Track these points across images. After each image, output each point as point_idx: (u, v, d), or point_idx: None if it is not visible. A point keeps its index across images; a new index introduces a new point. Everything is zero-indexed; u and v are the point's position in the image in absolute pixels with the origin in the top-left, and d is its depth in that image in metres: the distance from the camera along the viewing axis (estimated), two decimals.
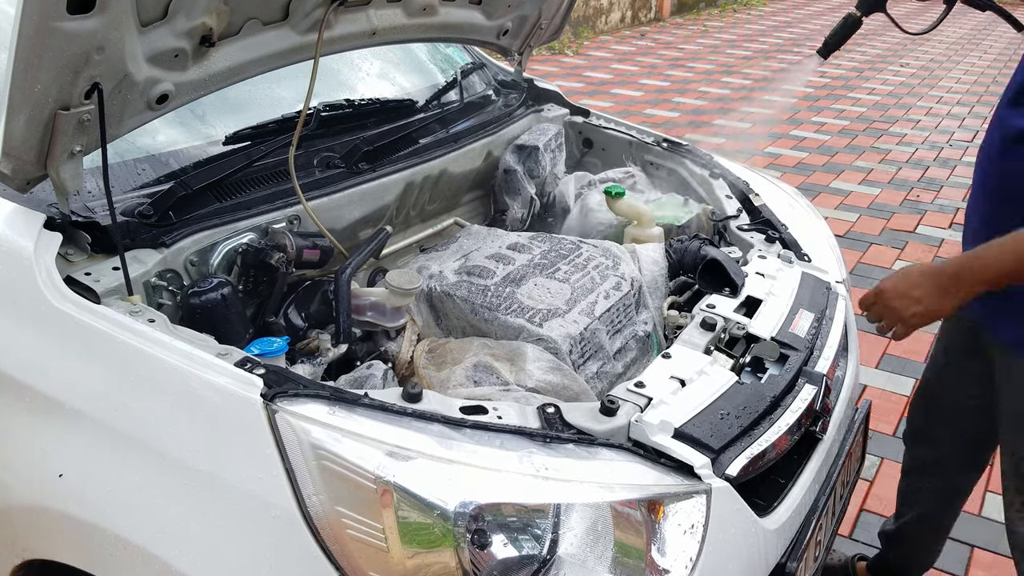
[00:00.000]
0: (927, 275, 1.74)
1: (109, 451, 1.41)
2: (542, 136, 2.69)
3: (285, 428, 1.33)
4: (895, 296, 1.77)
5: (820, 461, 1.81)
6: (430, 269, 2.08)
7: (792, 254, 2.22)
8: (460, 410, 1.45)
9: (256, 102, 2.19)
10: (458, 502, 1.29)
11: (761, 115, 8.09)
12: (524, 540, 1.31)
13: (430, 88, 2.71)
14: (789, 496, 1.69)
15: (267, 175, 2.00)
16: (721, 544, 1.46)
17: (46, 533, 1.51)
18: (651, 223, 2.41)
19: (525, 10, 2.60)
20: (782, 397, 1.71)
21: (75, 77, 1.43)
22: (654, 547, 1.39)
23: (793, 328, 1.91)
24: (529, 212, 2.65)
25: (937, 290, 1.72)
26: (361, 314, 1.89)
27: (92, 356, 1.46)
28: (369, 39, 2.15)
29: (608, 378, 1.92)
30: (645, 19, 13.37)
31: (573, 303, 1.94)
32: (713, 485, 1.46)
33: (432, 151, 2.39)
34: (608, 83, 9.24)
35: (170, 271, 1.73)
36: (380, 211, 2.23)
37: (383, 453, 1.31)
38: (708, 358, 1.75)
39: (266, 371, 1.40)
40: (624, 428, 1.50)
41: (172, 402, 1.40)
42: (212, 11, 1.65)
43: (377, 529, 1.28)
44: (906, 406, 3.29)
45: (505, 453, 1.37)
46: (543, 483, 1.36)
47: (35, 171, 1.51)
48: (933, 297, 1.72)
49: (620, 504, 1.38)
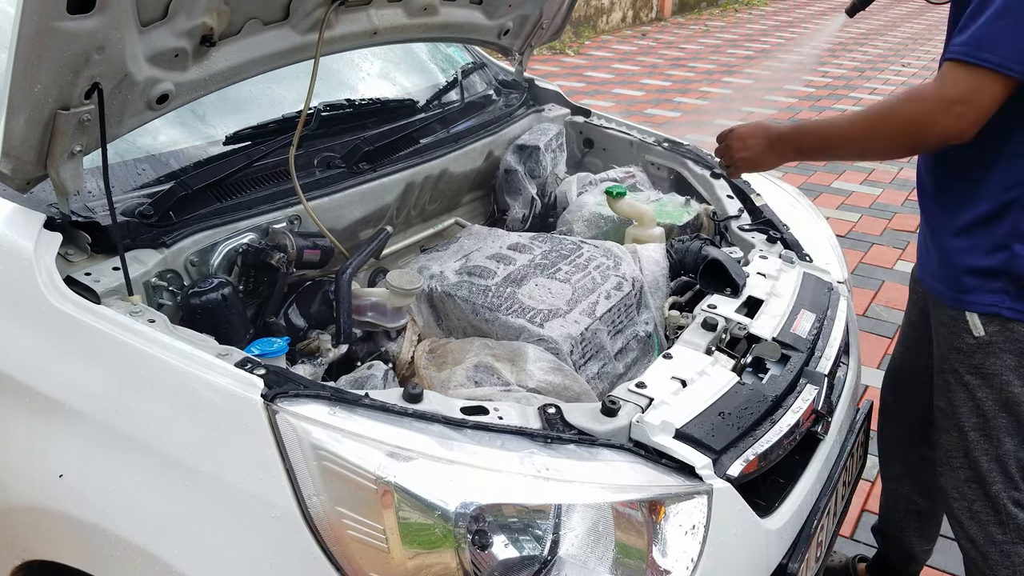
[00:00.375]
0: (765, 129, 1.99)
1: (109, 451, 1.41)
2: (543, 136, 2.68)
3: (286, 428, 1.32)
4: (736, 139, 2.04)
5: (821, 462, 1.80)
6: (431, 269, 2.07)
7: (793, 254, 2.22)
8: (461, 410, 1.45)
9: (256, 102, 2.19)
10: (459, 503, 1.29)
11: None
12: (525, 541, 1.31)
13: (431, 88, 2.71)
14: (790, 497, 1.68)
15: (267, 175, 2.00)
16: (722, 545, 1.45)
17: (46, 534, 1.51)
18: (652, 223, 2.40)
19: (526, 10, 2.60)
20: (783, 398, 1.70)
21: (75, 77, 1.43)
22: (655, 548, 1.39)
23: (794, 328, 1.90)
24: (530, 212, 2.65)
25: (766, 144, 1.98)
26: (362, 314, 1.89)
27: (92, 356, 1.46)
28: (370, 39, 2.15)
29: (609, 378, 1.92)
30: (646, 19, 13.37)
31: (574, 303, 1.93)
32: (714, 486, 1.46)
33: (433, 151, 2.38)
34: (609, 83, 9.23)
35: (170, 271, 1.73)
36: (381, 211, 2.23)
37: (384, 454, 1.31)
38: (709, 358, 1.74)
39: (266, 371, 1.39)
40: (625, 429, 1.49)
41: (172, 402, 1.40)
42: (212, 11, 1.65)
43: (378, 530, 1.28)
44: None
45: (506, 454, 1.37)
46: (544, 484, 1.35)
47: (35, 171, 1.51)
48: (761, 149, 1.99)
49: (621, 505, 1.38)
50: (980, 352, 1.86)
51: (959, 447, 1.95)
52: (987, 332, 1.84)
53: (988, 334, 1.84)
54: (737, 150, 2.05)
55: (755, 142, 2.00)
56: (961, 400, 1.92)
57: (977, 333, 1.85)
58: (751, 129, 2.03)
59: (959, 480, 1.97)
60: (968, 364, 1.88)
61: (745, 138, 2.03)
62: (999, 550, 1.93)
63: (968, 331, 1.86)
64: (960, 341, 1.89)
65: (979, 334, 1.84)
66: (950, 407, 1.96)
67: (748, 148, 2.02)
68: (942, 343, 1.95)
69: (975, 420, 1.90)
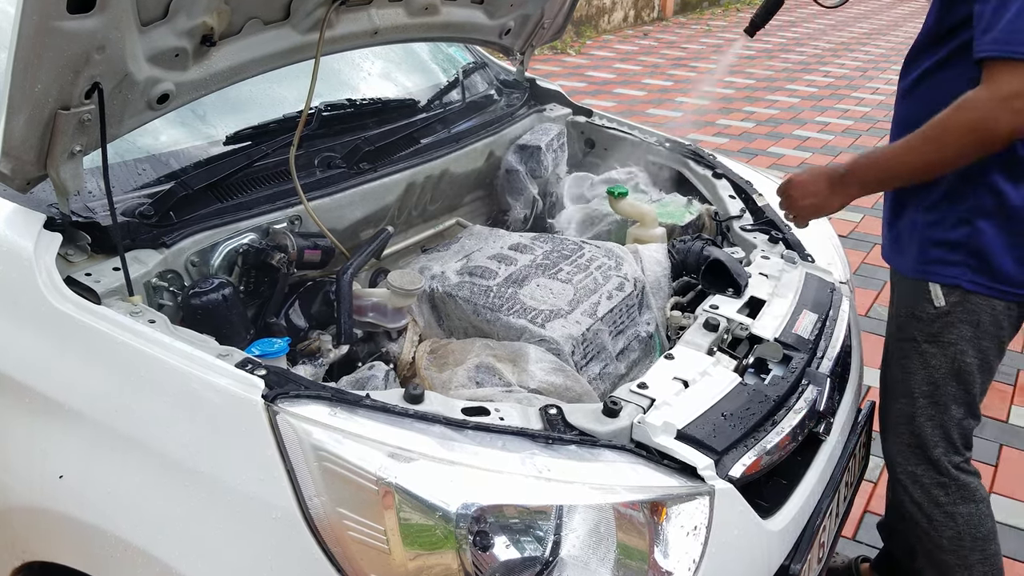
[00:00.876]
0: (825, 174, 2.02)
1: (109, 452, 1.41)
2: (544, 136, 2.68)
3: (286, 429, 1.32)
4: (796, 188, 2.07)
5: (824, 462, 1.80)
6: (432, 270, 2.07)
7: (795, 254, 2.22)
8: (462, 411, 1.44)
9: (257, 102, 2.19)
10: (460, 504, 1.28)
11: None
12: (526, 542, 1.31)
13: (432, 88, 2.70)
14: (793, 498, 1.68)
15: (268, 175, 1.99)
16: (724, 546, 1.45)
17: (46, 535, 1.51)
18: (654, 223, 2.40)
19: (527, 9, 2.59)
20: (785, 398, 1.70)
21: (75, 77, 1.43)
22: (657, 549, 1.39)
23: (796, 329, 1.90)
24: (531, 212, 2.64)
25: (828, 188, 2.00)
26: (363, 315, 1.89)
27: (92, 357, 1.45)
28: (371, 38, 2.14)
29: (611, 379, 1.91)
30: (648, 18, 13.37)
31: (576, 304, 1.93)
32: (716, 487, 1.45)
33: (434, 151, 2.38)
34: (611, 83, 9.23)
35: (171, 272, 1.73)
36: (382, 211, 2.22)
37: (385, 454, 1.31)
38: (711, 359, 1.74)
39: (267, 372, 1.39)
40: (627, 429, 1.49)
41: (173, 403, 1.40)
42: (213, 10, 1.64)
43: (379, 531, 1.28)
44: None
45: (507, 454, 1.37)
46: (545, 484, 1.35)
47: (35, 171, 1.51)
48: (826, 194, 2.01)
49: (623, 506, 1.38)
50: (939, 322, 1.94)
51: (906, 413, 2.04)
52: (947, 303, 1.91)
53: (948, 304, 1.92)
54: (799, 199, 2.07)
55: (816, 188, 2.02)
56: (915, 367, 2.00)
57: (938, 304, 1.93)
58: (810, 177, 2.05)
59: (903, 445, 2.07)
60: (926, 332, 1.96)
61: (806, 185, 2.05)
62: (943, 511, 2.04)
63: (929, 301, 1.94)
64: (920, 310, 1.96)
65: (939, 304, 1.92)
66: (903, 374, 2.04)
67: (811, 195, 2.04)
68: (902, 312, 2.04)
69: (926, 388, 1.99)
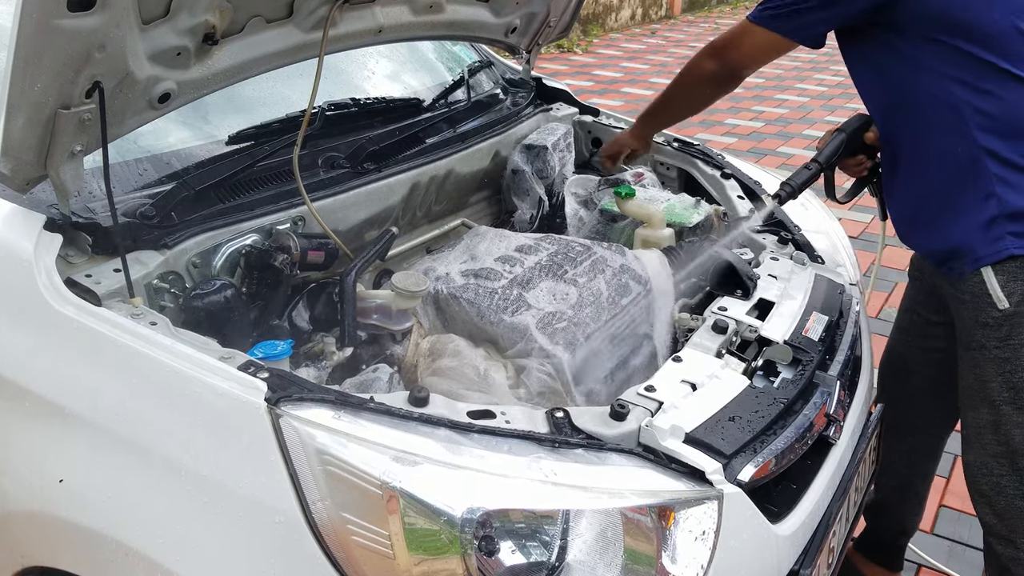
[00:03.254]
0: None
1: (110, 456, 1.40)
2: (551, 136, 2.67)
3: (289, 433, 1.31)
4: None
5: (834, 466, 1.78)
6: (436, 271, 2.06)
7: (805, 256, 2.20)
8: (467, 414, 1.43)
9: (260, 101, 2.18)
10: (465, 508, 1.28)
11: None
12: (532, 547, 1.30)
13: (437, 87, 2.69)
14: (802, 502, 1.66)
15: (271, 175, 1.99)
16: (733, 551, 1.44)
17: (46, 539, 1.50)
18: (661, 224, 2.39)
19: (533, 7, 2.59)
20: (795, 401, 1.69)
21: (76, 76, 1.42)
22: (665, 554, 1.38)
23: (806, 331, 1.88)
24: (538, 213, 2.63)
25: (627, 132, 2.65)
26: (367, 317, 1.87)
27: (93, 359, 1.45)
28: (375, 37, 2.14)
29: (616, 383, 1.90)
30: (656, 16, 13.36)
31: (580, 307, 1.92)
32: (725, 491, 1.44)
33: (439, 151, 2.37)
34: (618, 81, 9.22)
35: (172, 273, 1.72)
36: (386, 212, 2.21)
37: (389, 458, 1.30)
38: (720, 362, 1.72)
39: (270, 375, 1.38)
40: (634, 433, 1.47)
41: (174, 406, 1.39)
42: (215, 8, 1.64)
43: (383, 535, 1.27)
44: None
45: (513, 458, 1.36)
46: (552, 489, 1.34)
47: (35, 171, 1.50)
48: (624, 136, 2.65)
49: (630, 510, 1.36)
50: (1007, 324, 1.88)
51: (990, 423, 1.97)
52: (1011, 303, 1.86)
53: (1012, 304, 1.86)
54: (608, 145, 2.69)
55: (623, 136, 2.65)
56: (990, 375, 1.94)
57: (1002, 306, 1.87)
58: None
59: (987, 455, 1.99)
60: (996, 337, 1.91)
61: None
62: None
63: (992, 304, 1.89)
64: (985, 316, 1.91)
65: (1004, 307, 1.87)
66: (979, 383, 1.97)
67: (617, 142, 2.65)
68: (966, 321, 1.97)
69: (1007, 394, 1.93)
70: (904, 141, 1.99)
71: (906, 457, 2.41)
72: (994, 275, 1.87)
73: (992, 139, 1.82)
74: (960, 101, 1.83)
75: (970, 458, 2.05)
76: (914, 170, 1.99)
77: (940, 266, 2.00)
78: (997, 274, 1.86)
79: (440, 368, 1.78)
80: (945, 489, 3.00)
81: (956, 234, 1.91)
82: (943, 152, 1.89)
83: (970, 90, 1.82)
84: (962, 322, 2.00)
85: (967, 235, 1.89)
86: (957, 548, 2.72)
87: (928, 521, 2.86)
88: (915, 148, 1.96)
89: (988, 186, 1.84)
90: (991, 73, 1.81)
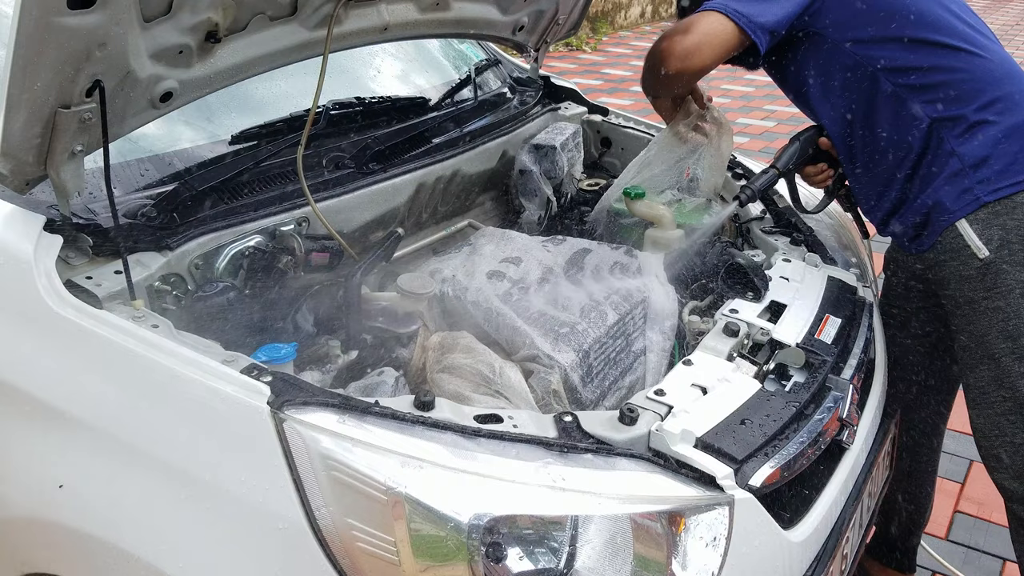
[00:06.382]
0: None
1: (111, 461, 1.40)
2: (559, 135, 2.66)
3: (293, 437, 1.30)
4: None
5: (847, 472, 1.78)
6: (443, 273, 2.05)
7: (818, 257, 2.19)
8: (474, 419, 1.42)
9: (263, 100, 2.18)
10: (472, 514, 1.27)
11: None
12: (540, 553, 1.29)
13: (443, 86, 2.69)
14: (815, 508, 1.66)
15: (275, 176, 1.98)
16: (744, 557, 1.43)
17: (46, 545, 1.50)
18: (672, 225, 2.38)
19: (542, 5, 2.58)
20: (807, 405, 1.67)
21: (76, 74, 1.41)
22: (675, 561, 1.37)
23: (819, 334, 1.87)
24: (546, 214, 2.62)
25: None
26: (372, 319, 1.86)
27: (93, 363, 1.44)
28: (380, 35, 2.13)
29: (620, 389, 1.88)
30: (666, 14, 13.34)
31: (586, 311, 1.91)
32: (736, 496, 1.43)
33: (445, 151, 2.36)
34: (627, 80, 9.20)
35: (174, 275, 1.71)
36: (391, 213, 2.21)
37: (395, 463, 1.29)
38: (731, 365, 1.71)
39: (273, 378, 1.37)
40: (644, 437, 1.46)
41: (176, 410, 1.38)
42: (218, 6, 1.63)
43: (389, 542, 1.26)
44: None
45: (521, 463, 1.35)
46: (560, 494, 1.33)
47: (35, 171, 1.49)
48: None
49: (640, 516, 1.36)
50: (990, 272, 1.91)
51: (992, 378, 1.97)
52: (990, 250, 1.90)
53: (992, 251, 1.90)
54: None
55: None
56: (985, 328, 1.95)
57: (982, 255, 1.91)
58: None
59: (996, 414, 1.99)
60: (983, 287, 1.93)
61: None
62: None
63: (973, 255, 1.92)
64: (967, 268, 1.94)
65: (984, 255, 1.91)
66: (975, 340, 1.98)
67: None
68: (950, 281, 1.99)
69: (1004, 345, 1.93)
70: (858, 143, 2.07)
71: (910, 443, 2.39)
72: (969, 226, 1.91)
73: (941, 108, 1.92)
74: (900, 88, 1.95)
75: (979, 422, 2.04)
76: (875, 166, 2.06)
77: (914, 241, 2.05)
78: (972, 224, 1.91)
79: (451, 365, 1.76)
80: (960, 495, 2.99)
81: (927, 199, 1.97)
82: (898, 142, 1.98)
83: (909, 74, 1.94)
84: (946, 286, 2.01)
85: (937, 194, 1.95)
86: (972, 554, 2.71)
87: (943, 527, 2.86)
88: (871, 146, 2.04)
89: (947, 148, 1.93)
90: (925, 49, 1.93)
